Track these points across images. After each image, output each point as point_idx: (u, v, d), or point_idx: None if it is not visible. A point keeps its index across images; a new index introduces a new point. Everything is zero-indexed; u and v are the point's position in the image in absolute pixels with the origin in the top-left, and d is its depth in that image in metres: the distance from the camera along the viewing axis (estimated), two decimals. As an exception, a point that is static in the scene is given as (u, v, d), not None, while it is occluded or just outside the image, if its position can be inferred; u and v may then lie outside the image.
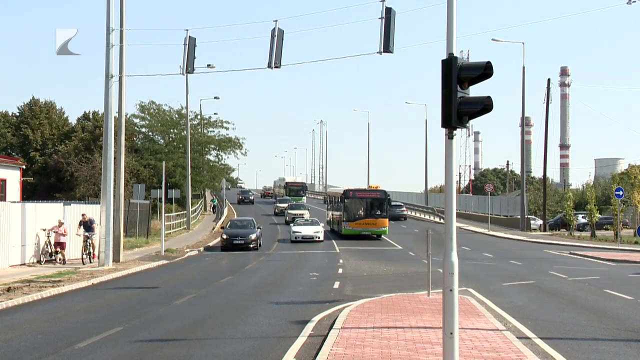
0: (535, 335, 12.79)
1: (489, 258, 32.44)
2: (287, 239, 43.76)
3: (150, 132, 69.90)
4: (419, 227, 36.48)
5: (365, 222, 44.25)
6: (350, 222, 44.28)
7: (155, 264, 29.10)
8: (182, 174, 62.36)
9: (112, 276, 24.15)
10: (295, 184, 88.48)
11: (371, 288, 20.62)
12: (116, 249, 28.80)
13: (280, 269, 27.52)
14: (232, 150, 71.73)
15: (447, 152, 9.41)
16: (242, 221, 41.87)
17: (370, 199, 44.87)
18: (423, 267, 22.94)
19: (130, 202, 41.79)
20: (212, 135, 71.80)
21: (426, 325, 13.33)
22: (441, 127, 9.37)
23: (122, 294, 19.84)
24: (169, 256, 32.98)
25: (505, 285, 21.31)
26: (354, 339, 11.84)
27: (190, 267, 28.91)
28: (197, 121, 70.67)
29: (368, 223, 44.18)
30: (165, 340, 12.61)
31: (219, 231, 48.33)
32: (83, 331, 13.35)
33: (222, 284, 22.39)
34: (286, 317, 15.05)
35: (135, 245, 37.99)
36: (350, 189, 45.69)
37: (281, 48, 24.18)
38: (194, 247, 39.04)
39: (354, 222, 44.26)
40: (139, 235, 43.24)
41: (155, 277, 24.77)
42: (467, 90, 9.40)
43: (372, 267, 27.50)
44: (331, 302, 17.42)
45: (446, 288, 9.10)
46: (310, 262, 30.84)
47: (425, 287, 18.20)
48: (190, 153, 57.15)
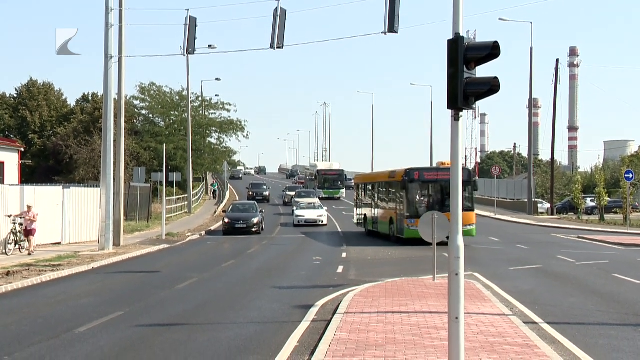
0: (542, 320, 12.82)
1: (496, 242, 32.46)
2: (290, 223, 43.83)
3: (150, 114, 69.90)
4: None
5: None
6: (418, 219, 30.75)
7: (156, 248, 29.19)
8: (183, 156, 62.41)
9: (113, 260, 24.25)
10: (330, 172, 70.24)
11: (375, 272, 20.67)
12: (116, 232, 28.89)
13: (283, 253, 27.58)
14: (234, 132, 71.76)
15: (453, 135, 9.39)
16: (244, 205, 41.97)
17: (448, 182, 32.82)
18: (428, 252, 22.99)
19: (131, 186, 41.86)
20: (213, 117, 71.79)
21: (431, 310, 13.37)
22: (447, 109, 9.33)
23: (122, 278, 19.93)
24: (170, 240, 33.07)
25: (512, 270, 21.34)
26: (358, 324, 11.89)
27: (192, 251, 29.00)
28: (198, 103, 70.60)
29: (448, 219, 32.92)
30: (167, 324, 12.67)
31: (220, 215, 48.41)
32: (83, 315, 13.42)
33: (224, 268, 22.46)
34: (289, 302, 15.11)
35: (136, 229, 38.10)
36: (415, 169, 31.05)
37: (284, 28, 24.08)
38: (195, 231, 39.14)
39: None
40: (140, 219, 43.34)
41: (156, 261, 24.85)
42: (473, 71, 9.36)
43: (376, 251, 27.55)
44: (335, 286, 17.47)
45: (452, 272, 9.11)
46: (313, 246, 30.89)
47: (430, 272, 18.24)
48: (191, 135, 57.16)
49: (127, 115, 51.06)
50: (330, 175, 69.54)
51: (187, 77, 56.43)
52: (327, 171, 70.75)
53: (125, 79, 29.87)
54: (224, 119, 71.49)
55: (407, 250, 28.08)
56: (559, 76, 55.68)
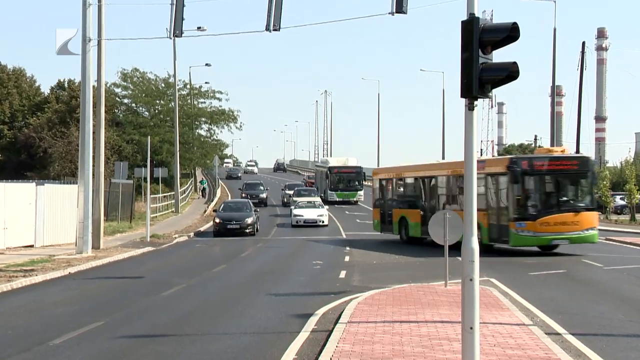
0: (566, 331, 12.82)
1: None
2: (288, 224, 43.87)
3: (133, 104, 69.99)
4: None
5: (562, 219, 26.11)
6: (530, 222, 25.85)
7: (139, 251, 29.22)
8: (169, 150, 62.48)
9: (91, 265, 24.27)
10: (345, 169, 62.07)
11: (381, 278, 20.68)
12: (96, 234, 28.91)
13: (279, 257, 27.58)
14: (226, 123, 71.85)
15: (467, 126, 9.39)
16: (236, 203, 42.02)
17: (564, 174, 26.90)
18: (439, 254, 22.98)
19: (112, 182, 41.89)
20: (203, 107, 71.88)
21: (443, 319, 13.38)
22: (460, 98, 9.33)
23: (102, 285, 19.94)
24: (155, 242, 33.11)
25: (533, 275, 21.34)
26: (363, 335, 11.90)
27: (179, 255, 29.01)
28: (186, 91, 70.65)
29: (567, 222, 26.15)
30: (151, 335, 12.68)
31: (211, 214, 48.47)
32: (59, 326, 13.43)
33: (215, 273, 22.48)
34: (286, 310, 15.12)
35: (117, 230, 38.13)
36: (523, 157, 28.84)
37: (281, 9, 24.07)
38: (183, 232, 39.16)
39: (540, 220, 25.86)
40: (122, 219, 43.39)
41: (139, 265, 24.86)
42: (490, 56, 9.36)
43: (382, 255, 27.58)
44: (337, 293, 17.48)
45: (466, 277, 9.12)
46: (313, 248, 30.90)
47: (442, 277, 18.24)
48: (178, 127, 57.22)
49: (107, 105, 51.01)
50: (346, 174, 61.61)
51: (173, 63, 56.53)
52: (341, 168, 61.77)
53: (105, 64, 29.90)
54: (214, 108, 71.61)
55: (417, 253, 28.08)
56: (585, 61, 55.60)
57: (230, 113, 71.62)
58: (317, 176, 69.08)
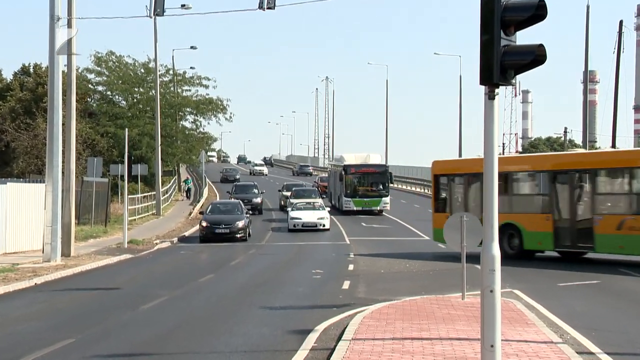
0: (601, 350, 12.82)
1: (541, 251, 32.44)
2: (284, 228, 43.89)
3: (108, 92, 69.92)
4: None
5: None
6: None
7: (116, 259, 29.24)
8: (149, 144, 62.45)
9: (61, 274, 24.28)
10: (366, 169, 54.40)
11: (390, 289, 20.67)
12: (66, 239, 28.91)
13: (274, 265, 27.59)
14: (214, 114, 71.84)
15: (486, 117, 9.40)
16: (226, 205, 42.02)
17: None
18: (456, 263, 22.97)
19: (84, 181, 41.90)
20: (188, 95, 71.85)
21: (460, 335, 13.39)
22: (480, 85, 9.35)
23: (73, 297, 19.94)
24: (133, 249, 33.12)
25: (562, 286, 21.34)
26: (369, 353, 11.91)
27: (161, 263, 29.01)
28: (168, 77, 70.64)
29: None
30: (129, 354, 12.69)
31: (197, 217, 48.46)
32: (24, 344, 13.43)
33: (201, 283, 22.49)
34: (282, 326, 15.13)
35: (90, 235, 38.15)
36: None
37: (275, -18, 24.06)
38: (165, 237, 39.18)
39: None
40: (95, 222, 43.42)
41: (116, 275, 24.86)
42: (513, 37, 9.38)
43: (391, 263, 27.59)
44: (339, 306, 17.49)
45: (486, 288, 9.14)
46: (313, 256, 30.91)
47: (458, 288, 18.24)
48: (160, 118, 57.22)
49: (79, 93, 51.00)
50: (367, 175, 53.71)
51: (154, 45, 56.47)
52: (360, 167, 54.05)
53: (76, 47, 29.83)
54: (200, 97, 71.56)
55: (430, 261, 28.09)
56: (623, 42, 55.48)
57: (219, 102, 71.61)
58: (331, 178, 61.60)
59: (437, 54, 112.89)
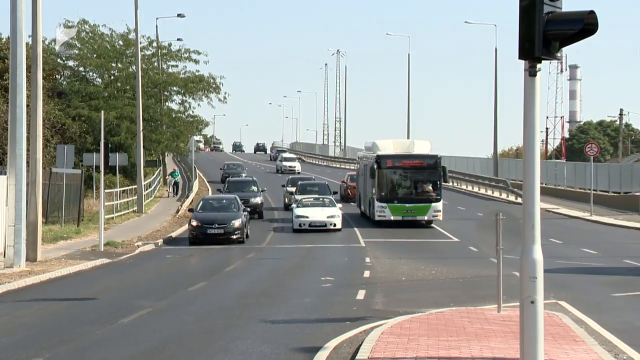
0: (661, 371, 12.81)
1: (592, 256, 32.41)
2: (288, 228, 43.88)
3: (81, 67, 69.93)
4: (485, 209, 36.40)
5: None
6: None
7: (90, 264, 29.27)
8: (129, 129, 62.48)
9: (26, 282, 24.30)
10: (408, 161, 46.08)
11: (413, 299, 20.70)
12: (31, 241, 28.93)
13: (277, 271, 27.62)
14: (205, 94, 71.73)
15: (527, 97, 9.38)
16: (220, 200, 41.94)
17: None
18: (490, 269, 22.92)
19: (53, 172, 41.94)
20: (174, 72, 71.80)
21: (496, 355, 13.39)
22: (518, 59, 9.32)
23: (41, 309, 19.97)
24: (111, 252, 33.16)
25: (616, 297, 21.31)
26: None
27: (144, 269, 29.05)
28: (151, 51, 70.62)
29: None
30: (107, 376, 12.72)
31: (185, 215, 48.50)
32: (-16, 363, 13.48)
33: (191, 293, 22.52)
34: (286, 343, 15.14)
35: (60, 237, 38.18)
36: None
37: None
38: (148, 238, 39.20)
39: None
40: (66, 221, 43.46)
41: (90, 283, 24.91)
42: (558, 3, 9.35)
43: (413, 269, 27.58)
44: (353, 320, 17.50)
45: (526, 299, 9.13)
46: (322, 260, 30.95)
47: (493, 299, 18.23)
48: (142, 98, 57.19)
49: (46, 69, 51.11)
50: (410, 170, 46.08)
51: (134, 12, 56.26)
52: (400, 159, 46.09)
53: (42, 14, 29.85)
54: (189, 74, 71.52)
55: (459, 266, 28.06)
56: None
57: (211, 80, 71.51)
58: (360, 175, 53.90)
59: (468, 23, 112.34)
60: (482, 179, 74.18)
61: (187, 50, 71.45)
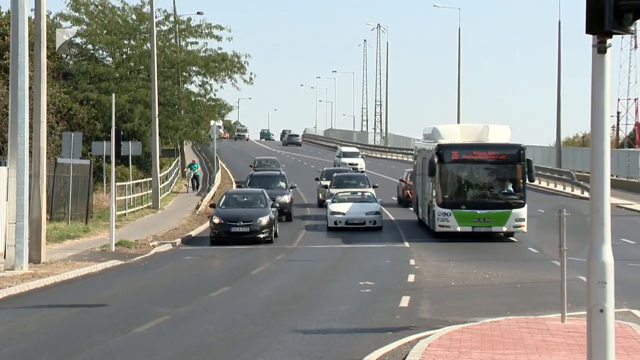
0: None
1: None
2: (321, 226, 43.88)
3: (89, 45, 70.17)
4: (547, 205, 36.16)
5: None
6: None
7: (100, 266, 29.40)
8: (144, 115, 62.68)
9: (29, 286, 24.42)
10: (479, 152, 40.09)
11: (464, 307, 20.69)
12: (35, 240, 29.09)
13: (309, 275, 27.64)
14: (228, 74, 71.69)
15: (595, 76, 9.32)
16: (245, 195, 41.96)
17: None
18: (553, 273, 22.84)
19: (58, 163, 42.15)
20: (194, 49, 71.89)
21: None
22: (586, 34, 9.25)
23: (45, 316, 20.07)
24: (123, 253, 33.28)
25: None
26: (436, 394, 11.90)
27: (160, 272, 29.17)
28: (168, 26, 70.74)
29: None
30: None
31: (206, 212, 48.61)
32: (-18, 377, 13.58)
33: (213, 299, 22.58)
34: (320, 356, 15.16)
35: (67, 235, 38.38)
36: None
37: None
38: (165, 238, 39.33)
39: None
40: (73, 218, 43.68)
41: (100, 287, 25.04)
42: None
43: (464, 273, 27.51)
44: (396, 330, 17.49)
45: (594, 307, 9.08)
46: (359, 263, 30.96)
47: (556, 306, 18.15)
48: (157, 80, 57.36)
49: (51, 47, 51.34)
50: (483, 164, 40.48)
51: (150, -17, 56.55)
52: (469, 151, 40.42)
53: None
54: (211, 52, 71.59)
55: (517, 270, 27.96)
56: None
57: (235, 59, 71.41)
58: (417, 171, 48.94)
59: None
60: (542, 171, 73.61)
61: (209, 25, 71.45)
